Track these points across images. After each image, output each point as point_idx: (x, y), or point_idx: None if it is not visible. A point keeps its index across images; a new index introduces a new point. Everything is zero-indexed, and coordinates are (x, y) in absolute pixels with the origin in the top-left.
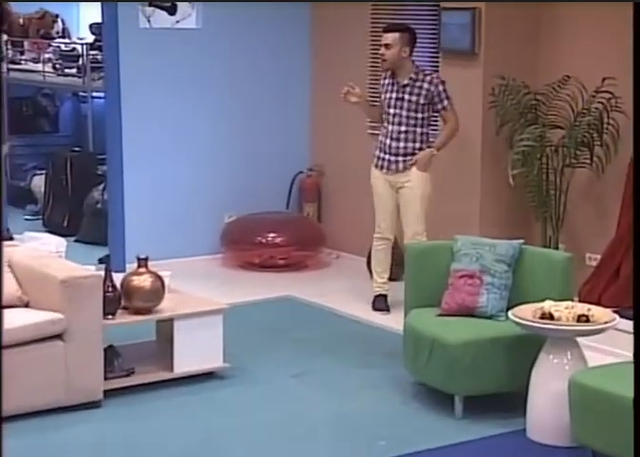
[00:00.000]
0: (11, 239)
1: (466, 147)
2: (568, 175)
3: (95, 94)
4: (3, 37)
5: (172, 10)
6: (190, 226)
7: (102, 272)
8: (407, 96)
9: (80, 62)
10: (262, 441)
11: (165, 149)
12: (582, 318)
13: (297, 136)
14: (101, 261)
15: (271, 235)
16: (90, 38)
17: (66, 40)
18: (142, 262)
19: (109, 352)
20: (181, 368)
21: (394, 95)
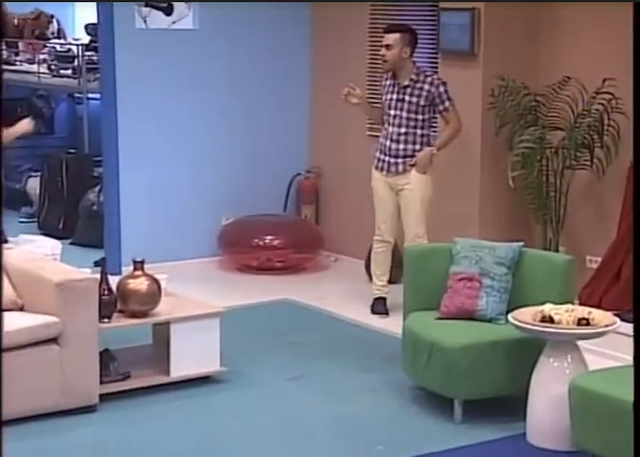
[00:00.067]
0: (6, 242)
1: (465, 148)
2: (568, 177)
3: (91, 95)
4: None
5: (169, 11)
6: (187, 228)
7: (98, 275)
8: (407, 97)
9: (75, 63)
10: (259, 445)
11: (161, 151)
12: (582, 321)
13: (296, 137)
14: (97, 264)
15: (269, 238)
16: (86, 39)
17: (61, 41)
18: (138, 265)
19: (104, 356)
20: (177, 372)
21: (395, 96)
